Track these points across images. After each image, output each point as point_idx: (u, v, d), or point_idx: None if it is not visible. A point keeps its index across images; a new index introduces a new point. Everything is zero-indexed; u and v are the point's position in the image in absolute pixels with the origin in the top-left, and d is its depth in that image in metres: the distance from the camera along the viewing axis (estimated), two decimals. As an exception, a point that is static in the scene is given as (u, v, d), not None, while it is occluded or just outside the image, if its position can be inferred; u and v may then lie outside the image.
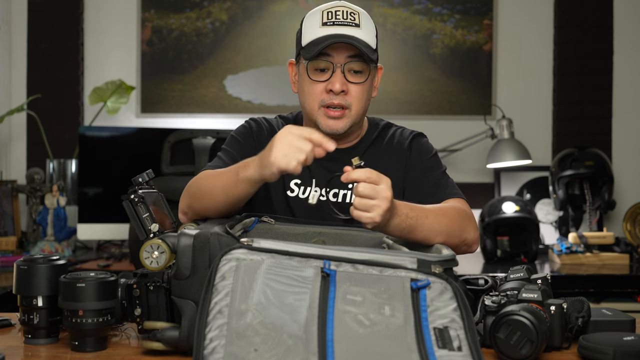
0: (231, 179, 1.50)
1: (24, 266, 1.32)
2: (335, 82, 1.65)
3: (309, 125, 1.76)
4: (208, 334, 1.04)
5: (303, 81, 1.71)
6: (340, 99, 1.67)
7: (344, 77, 1.66)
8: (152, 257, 1.24)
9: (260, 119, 1.82)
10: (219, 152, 1.79)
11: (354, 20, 1.66)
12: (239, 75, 3.60)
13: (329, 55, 1.65)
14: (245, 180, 1.47)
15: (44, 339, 1.32)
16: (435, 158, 1.78)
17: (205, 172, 1.65)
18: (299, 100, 1.77)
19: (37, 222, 3.18)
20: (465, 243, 1.58)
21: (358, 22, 1.66)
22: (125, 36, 3.60)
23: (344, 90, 1.66)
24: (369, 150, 1.77)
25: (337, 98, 1.66)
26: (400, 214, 1.43)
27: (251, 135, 1.77)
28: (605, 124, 3.61)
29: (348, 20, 1.66)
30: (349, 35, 1.64)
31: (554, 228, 3.45)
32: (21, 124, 3.57)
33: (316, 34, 1.66)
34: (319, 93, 1.68)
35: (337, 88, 1.65)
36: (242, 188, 1.49)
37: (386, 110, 3.53)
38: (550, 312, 1.25)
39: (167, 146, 2.85)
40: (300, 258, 1.16)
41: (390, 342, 1.06)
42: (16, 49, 3.59)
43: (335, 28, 1.65)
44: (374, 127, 1.81)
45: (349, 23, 1.65)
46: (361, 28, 1.66)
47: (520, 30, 3.63)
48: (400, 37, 3.59)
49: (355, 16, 1.67)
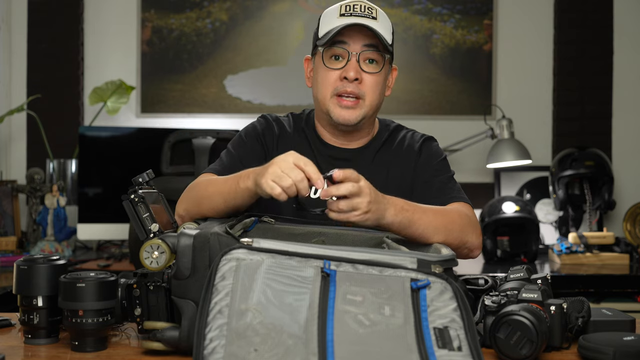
0: (232, 188, 1.50)
1: (24, 266, 1.32)
2: (349, 69, 1.66)
3: (321, 119, 1.77)
4: (208, 334, 1.04)
5: (317, 70, 1.72)
6: (354, 87, 1.67)
7: (359, 66, 1.67)
8: (152, 257, 1.24)
9: (271, 118, 1.81)
10: (223, 152, 1.79)
11: (371, 14, 1.68)
12: (239, 75, 3.60)
13: (345, 43, 1.66)
14: (245, 190, 1.47)
15: (44, 339, 1.32)
16: (444, 162, 1.78)
17: (207, 179, 1.65)
18: (312, 93, 1.77)
19: (37, 222, 3.18)
20: (467, 246, 1.58)
21: (376, 16, 1.68)
22: (125, 36, 3.60)
23: (357, 78, 1.67)
24: (380, 152, 1.77)
25: (350, 86, 1.67)
26: (395, 205, 1.43)
27: (257, 135, 1.77)
28: (605, 124, 3.61)
29: (366, 12, 1.67)
30: (366, 24, 1.65)
31: (554, 228, 3.45)
32: (21, 124, 3.57)
33: (335, 23, 1.67)
34: (333, 81, 1.68)
35: (351, 75, 1.66)
36: (242, 198, 1.49)
37: (386, 110, 3.52)
38: (550, 312, 1.25)
39: (167, 146, 2.85)
40: (300, 258, 1.16)
41: (390, 342, 1.06)
42: (16, 49, 3.59)
43: (352, 18, 1.66)
44: (384, 129, 1.81)
45: (366, 15, 1.67)
46: (378, 21, 1.68)
47: (520, 30, 3.63)
48: (400, 37, 3.59)
49: (373, 10, 1.69)
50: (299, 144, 1.77)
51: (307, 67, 1.80)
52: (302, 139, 1.78)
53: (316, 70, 1.73)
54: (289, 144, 1.76)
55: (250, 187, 1.45)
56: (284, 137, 1.78)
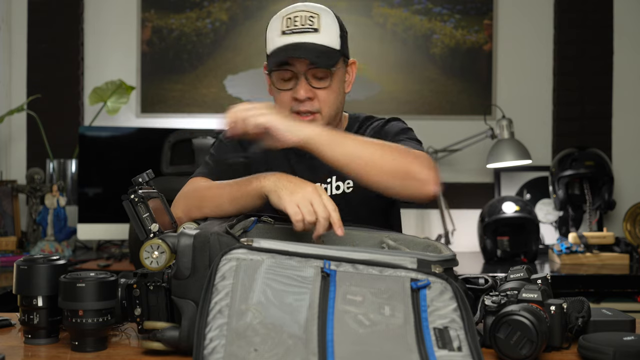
0: (240, 189, 1.52)
1: (24, 266, 1.32)
2: (299, 90, 1.67)
3: None
4: (208, 334, 1.04)
5: (272, 90, 1.73)
6: (308, 106, 1.68)
7: (309, 84, 1.67)
8: (152, 257, 1.24)
9: None
10: (206, 157, 1.80)
11: (312, 25, 1.66)
12: (239, 75, 3.60)
13: (291, 65, 1.66)
14: (259, 189, 1.48)
15: (44, 339, 1.32)
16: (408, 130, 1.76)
17: (205, 182, 1.66)
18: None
19: (37, 222, 3.18)
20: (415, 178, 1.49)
21: (317, 27, 1.66)
22: (125, 36, 3.60)
23: (309, 97, 1.67)
24: None
25: (304, 105, 1.68)
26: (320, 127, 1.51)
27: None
28: (605, 124, 3.61)
29: (306, 25, 1.66)
30: (306, 43, 1.64)
31: (554, 228, 3.45)
32: (21, 124, 3.57)
33: (276, 43, 1.67)
34: (288, 101, 1.69)
35: (301, 95, 1.66)
36: (252, 199, 1.50)
37: (386, 110, 3.52)
38: (550, 312, 1.25)
39: (167, 146, 2.85)
40: (300, 258, 1.17)
41: (390, 342, 1.06)
42: (16, 49, 3.59)
43: (293, 37, 1.65)
44: (354, 121, 1.83)
45: (307, 29, 1.65)
46: (320, 32, 1.66)
47: (520, 30, 3.63)
48: (400, 37, 3.59)
49: (314, 20, 1.67)
50: None
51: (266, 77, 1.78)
52: None
53: (272, 89, 1.74)
54: None
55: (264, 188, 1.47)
56: None
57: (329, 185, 1.74)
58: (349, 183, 1.74)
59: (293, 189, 1.43)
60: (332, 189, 1.74)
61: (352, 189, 1.74)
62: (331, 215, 1.41)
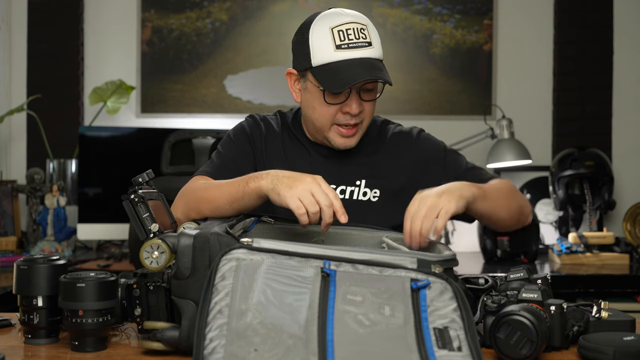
0: (239, 189, 1.50)
1: (24, 266, 1.32)
2: (352, 104, 1.64)
3: (311, 131, 1.75)
4: (208, 334, 1.04)
5: (314, 99, 1.67)
6: (356, 119, 1.67)
7: (359, 98, 1.65)
8: (152, 257, 1.24)
9: (258, 117, 1.81)
10: (213, 153, 1.79)
11: (365, 39, 1.62)
12: (239, 75, 3.60)
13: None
14: (257, 189, 1.46)
15: (44, 339, 1.32)
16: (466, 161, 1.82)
17: (204, 182, 1.65)
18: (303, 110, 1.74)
19: (37, 222, 3.17)
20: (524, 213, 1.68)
21: (370, 40, 1.63)
22: (125, 36, 3.60)
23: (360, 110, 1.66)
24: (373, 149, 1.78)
25: (352, 119, 1.66)
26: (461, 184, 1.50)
27: (245, 135, 1.77)
28: (605, 124, 3.61)
29: (360, 40, 1.62)
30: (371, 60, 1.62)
31: (554, 228, 3.45)
32: (21, 124, 3.57)
33: (331, 57, 1.61)
34: (334, 113, 1.66)
35: (355, 110, 1.64)
36: (250, 199, 1.49)
37: (386, 110, 3.52)
38: (550, 312, 1.25)
39: (167, 146, 2.85)
40: (300, 258, 1.17)
41: (390, 342, 1.06)
42: (16, 49, 3.59)
43: (350, 52, 1.61)
44: (372, 124, 1.81)
45: (362, 44, 1.62)
46: (373, 46, 1.64)
47: (520, 30, 3.63)
48: (400, 37, 3.59)
49: (365, 32, 1.63)
50: (289, 143, 1.77)
51: (293, 83, 1.74)
52: (292, 138, 1.78)
53: (312, 98, 1.68)
54: (278, 142, 1.76)
55: (262, 188, 1.45)
56: (272, 136, 1.77)
57: (357, 188, 1.73)
58: (375, 192, 1.73)
59: (291, 183, 1.41)
60: (359, 194, 1.72)
61: (378, 198, 1.72)
62: (333, 202, 1.39)
